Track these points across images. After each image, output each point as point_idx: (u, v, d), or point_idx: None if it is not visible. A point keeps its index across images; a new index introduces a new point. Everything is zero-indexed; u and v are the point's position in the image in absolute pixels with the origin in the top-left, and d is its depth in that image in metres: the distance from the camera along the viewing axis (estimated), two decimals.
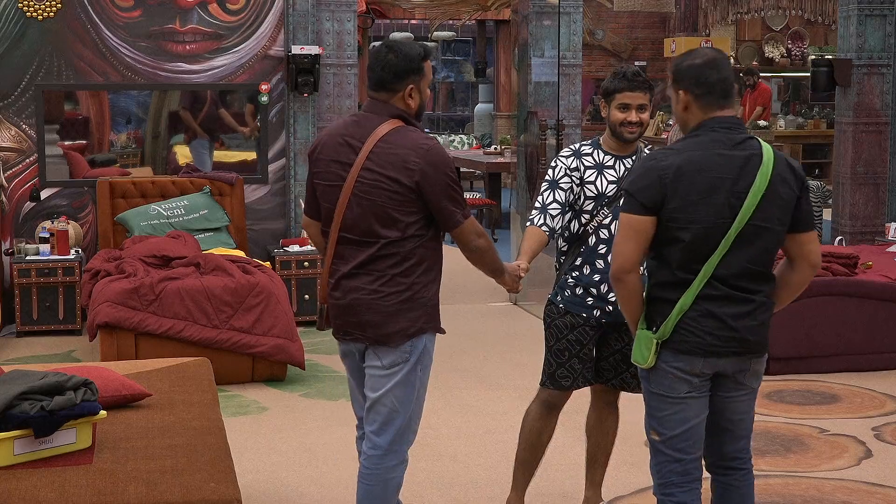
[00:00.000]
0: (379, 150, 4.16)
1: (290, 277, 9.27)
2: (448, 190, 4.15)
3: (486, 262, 4.33)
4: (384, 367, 4.25)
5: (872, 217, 10.69)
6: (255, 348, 7.54)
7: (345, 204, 4.19)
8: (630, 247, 3.90)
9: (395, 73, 4.21)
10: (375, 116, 4.24)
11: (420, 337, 4.24)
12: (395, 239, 4.16)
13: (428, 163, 4.12)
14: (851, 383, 7.67)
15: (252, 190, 9.87)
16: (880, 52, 10.63)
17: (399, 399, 4.26)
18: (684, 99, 3.96)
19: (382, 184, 4.14)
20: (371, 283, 4.20)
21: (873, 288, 8.00)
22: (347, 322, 4.28)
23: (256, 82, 9.78)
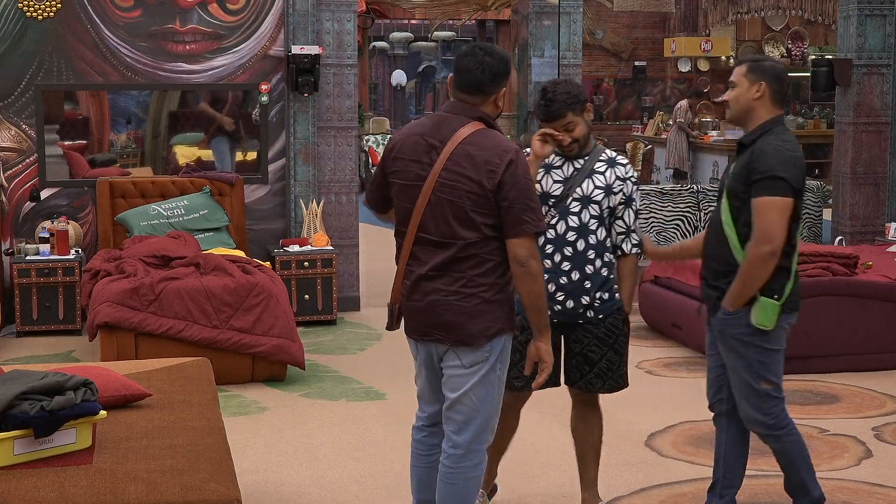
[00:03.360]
0: (461, 152, 4.18)
1: (290, 277, 9.27)
2: (526, 198, 4.15)
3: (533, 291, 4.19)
4: (464, 366, 4.28)
5: (872, 217, 10.69)
6: (255, 348, 7.54)
7: (424, 204, 4.22)
8: (785, 227, 4.61)
9: (494, 75, 4.26)
10: (457, 118, 4.26)
11: (500, 337, 4.28)
12: (475, 241, 4.19)
13: (510, 167, 4.14)
14: (852, 383, 7.67)
15: (252, 190, 9.87)
16: (880, 52, 10.63)
17: (479, 398, 4.30)
18: (763, 90, 4.70)
19: (463, 185, 4.16)
20: (451, 285, 4.22)
21: (873, 288, 8.00)
22: (427, 323, 4.30)
23: (256, 82, 9.78)
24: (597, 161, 5.03)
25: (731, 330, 4.80)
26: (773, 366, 4.81)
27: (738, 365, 4.84)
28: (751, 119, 4.75)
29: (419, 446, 4.59)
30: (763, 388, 4.80)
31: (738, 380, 4.86)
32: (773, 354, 4.80)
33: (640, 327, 9.47)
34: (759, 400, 4.82)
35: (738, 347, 4.80)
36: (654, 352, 8.68)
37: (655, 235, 11.11)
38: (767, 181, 4.58)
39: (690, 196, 11.31)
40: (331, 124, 9.92)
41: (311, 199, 9.81)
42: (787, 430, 4.88)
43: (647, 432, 6.65)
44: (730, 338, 4.82)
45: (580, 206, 4.97)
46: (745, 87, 4.73)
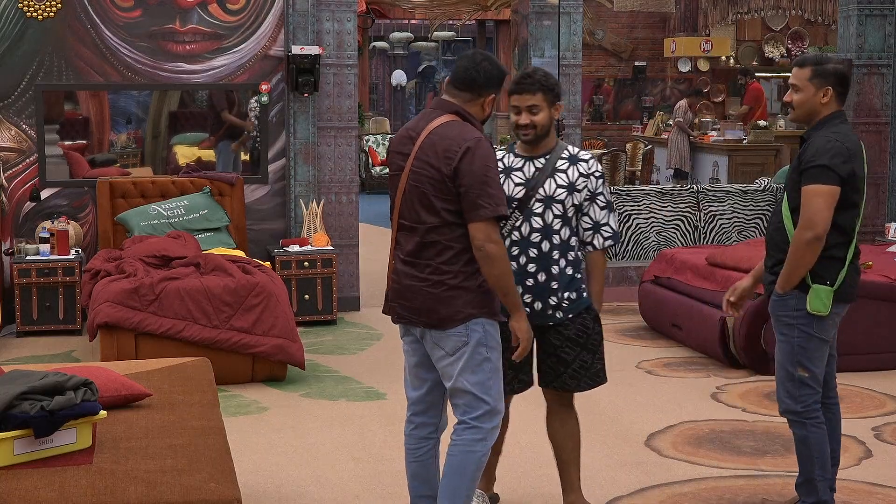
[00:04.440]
0: (428, 142, 4.40)
1: (290, 277, 9.27)
2: (482, 184, 4.31)
3: (494, 274, 4.38)
4: (448, 353, 4.46)
5: (872, 217, 10.69)
6: (255, 348, 7.53)
7: (401, 192, 4.47)
8: (829, 214, 4.77)
9: (488, 78, 4.48)
10: (436, 112, 4.50)
11: (475, 320, 4.43)
12: (435, 225, 4.38)
13: (467, 154, 4.32)
14: (852, 383, 7.67)
15: (252, 190, 9.87)
16: (880, 52, 10.64)
17: (473, 383, 4.46)
18: (830, 94, 4.89)
19: (426, 172, 4.38)
20: (421, 271, 4.45)
21: (873, 288, 8.00)
22: (402, 306, 4.54)
23: (256, 82, 9.78)
24: (558, 159, 5.02)
25: (779, 311, 4.99)
26: (814, 354, 4.95)
27: (781, 348, 5.01)
28: (814, 119, 4.96)
29: (409, 440, 4.73)
30: (800, 375, 4.96)
31: (779, 363, 5.04)
32: (817, 342, 4.95)
33: (639, 327, 9.47)
34: (794, 387, 4.98)
35: (784, 330, 4.97)
36: (653, 352, 8.68)
37: (655, 236, 11.12)
38: (812, 170, 4.79)
39: (690, 196, 11.31)
40: (331, 124, 9.92)
41: (311, 200, 9.81)
42: (815, 421, 5.01)
43: (646, 432, 6.65)
44: (778, 320, 5.00)
45: (543, 207, 4.96)
46: (811, 92, 4.91)
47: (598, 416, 6.95)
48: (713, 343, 8.18)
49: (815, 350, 4.98)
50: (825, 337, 4.99)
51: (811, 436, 5.01)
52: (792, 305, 4.94)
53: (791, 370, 4.98)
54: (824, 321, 4.94)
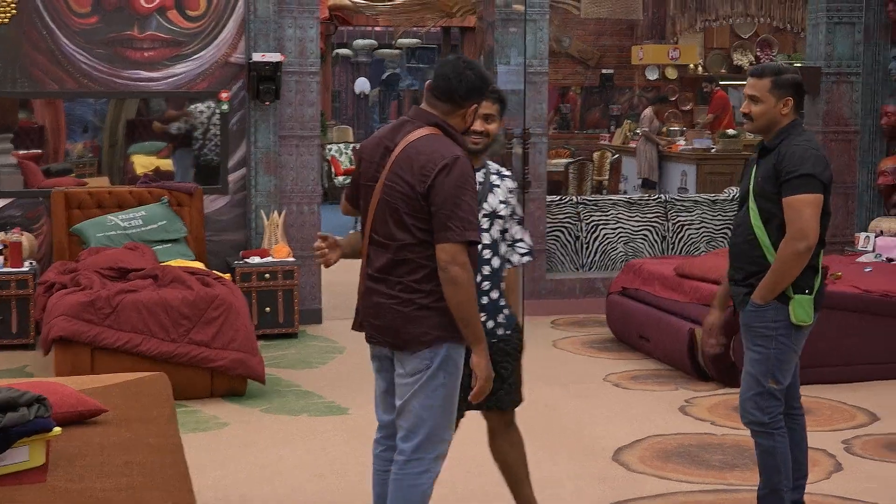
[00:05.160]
0: (404, 155, 4.29)
1: (250, 290, 9.24)
2: (453, 206, 4.19)
3: (456, 300, 4.22)
4: (407, 374, 4.36)
5: (842, 227, 10.77)
6: (214, 362, 7.50)
7: (374, 205, 4.36)
8: (818, 223, 4.85)
9: (470, 88, 4.35)
10: (414, 122, 4.37)
11: (441, 345, 4.32)
12: (408, 243, 4.29)
13: (442, 171, 4.20)
14: (821, 396, 7.71)
15: (211, 200, 9.84)
16: (849, 60, 10.71)
17: (423, 406, 4.35)
18: (790, 104, 4.99)
19: (399, 186, 4.27)
20: (391, 288, 4.35)
21: (843, 299, 8.04)
22: (371, 324, 4.44)
23: (216, 90, 9.75)
24: (491, 174, 5.03)
25: (756, 323, 5.00)
26: (786, 366, 5.03)
27: (755, 359, 5.03)
28: (774, 129, 5.03)
29: (377, 461, 4.65)
30: (770, 387, 5.02)
31: (750, 375, 5.06)
32: (790, 355, 5.02)
33: (606, 339, 9.49)
34: (762, 398, 5.03)
35: (761, 342, 4.99)
36: (620, 364, 8.70)
37: (623, 246, 11.16)
38: (798, 179, 4.85)
39: (658, 206, 11.36)
40: (293, 133, 9.90)
41: (272, 210, 9.79)
42: (781, 432, 5.07)
43: (614, 447, 6.66)
44: (754, 331, 5.01)
45: (490, 222, 4.95)
46: (771, 103, 5.00)
47: (564, 431, 6.96)
48: (681, 355, 8.21)
49: (789, 362, 5.04)
50: (799, 349, 5.05)
51: (778, 446, 5.07)
52: (770, 317, 4.96)
53: (762, 381, 5.01)
54: (802, 332, 5.00)
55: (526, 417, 6.89)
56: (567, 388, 7.97)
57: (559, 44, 20.25)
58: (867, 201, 10.87)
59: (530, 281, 10.37)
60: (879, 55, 10.76)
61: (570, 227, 11.08)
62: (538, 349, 8.97)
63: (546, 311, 10.48)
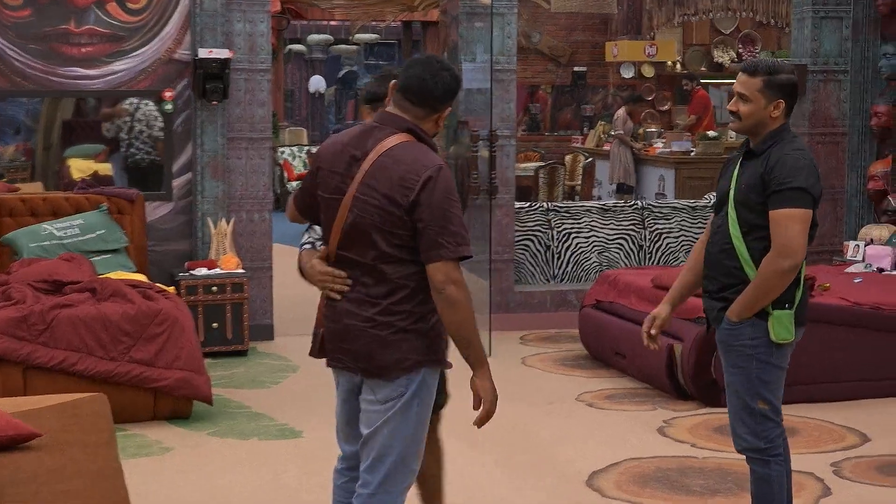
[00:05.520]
0: (379, 165, 4.19)
1: (196, 304, 9.21)
2: (443, 220, 4.14)
3: (455, 321, 4.18)
4: (378, 401, 4.28)
5: (829, 235, 10.83)
6: (157, 382, 7.48)
7: (342, 221, 4.25)
8: (805, 240, 4.83)
9: (446, 91, 4.29)
10: (384, 128, 4.28)
11: (418, 371, 4.26)
12: (389, 262, 4.20)
13: (428, 184, 4.14)
14: (808, 415, 7.76)
15: (154, 207, 9.80)
16: (836, 57, 10.79)
17: (393, 436, 4.29)
18: (781, 107, 4.93)
19: (376, 200, 4.17)
20: (366, 311, 4.24)
21: (831, 312, 8.09)
22: (340, 349, 4.34)
23: (160, 89, 9.72)
24: None
25: (734, 342, 4.96)
26: (774, 384, 5.00)
27: (737, 381, 5.00)
28: (762, 131, 4.97)
29: (338, 492, 4.58)
30: (760, 409, 4.97)
31: (734, 397, 5.03)
32: (775, 371, 4.99)
33: (579, 356, 9.52)
34: (755, 421, 4.99)
35: (740, 360, 4.96)
36: (595, 383, 8.72)
37: (597, 256, 11.20)
38: (788, 192, 4.81)
39: (634, 212, 11.41)
40: (242, 135, 9.88)
41: (219, 218, 9.77)
42: (778, 459, 5.02)
43: (588, 471, 6.68)
44: (732, 350, 4.98)
45: None
46: (761, 104, 4.93)
47: (535, 453, 6.97)
48: (659, 373, 8.24)
49: (776, 380, 5.01)
50: (785, 365, 5.02)
51: (774, 474, 5.02)
52: (748, 334, 4.92)
53: (750, 403, 4.97)
54: (785, 348, 4.97)
55: (493, 440, 6.91)
56: (537, 409, 7.98)
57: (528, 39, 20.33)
58: (856, 207, 10.94)
59: (498, 293, 10.39)
60: (868, 52, 10.84)
61: (541, 236, 11.12)
62: (506, 367, 8.98)
63: (515, 325, 10.50)
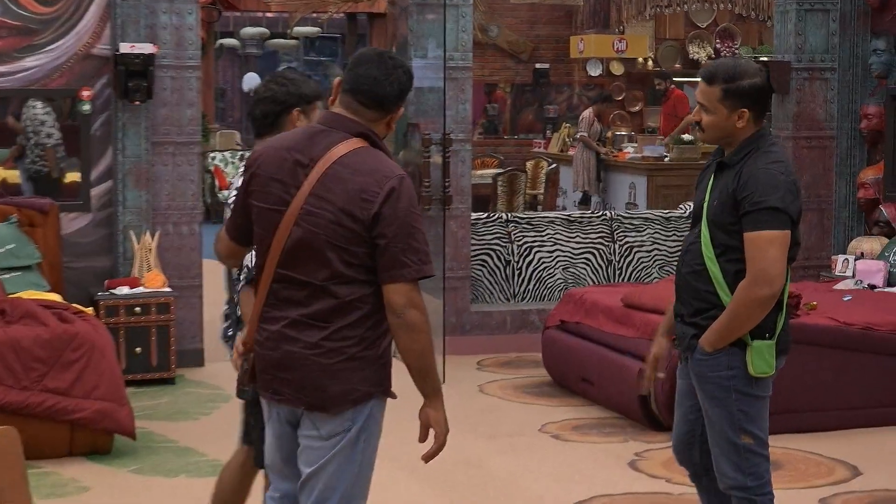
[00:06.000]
0: (333, 174, 4.16)
1: (117, 327, 9.16)
2: (408, 236, 4.13)
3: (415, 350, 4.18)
4: (322, 437, 4.25)
5: (816, 248, 10.89)
6: (73, 414, 7.44)
7: (285, 235, 4.20)
8: (784, 265, 4.80)
9: (401, 91, 4.28)
10: (332, 132, 4.25)
11: (366, 403, 4.25)
12: (342, 282, 4.17)
13: (391, 196, 4.12)
14: (793, 446, 7.79)
15: (71, 219, 9.75)
16: (823, 53, 10.86)
17: (337, 475, 4.27)
18: (746, 117, 4.91)
19: (328, 213, 4.14)
20: (311, 336, 4.20)
21: (818, 333, 8.12)
22: (279, 379, 4.28)
23: (76, 87, 9.67)
24: None
25: (709, 373, 4.93)
26: (757, 416, 4.97)
27: (716, 414, 4.97)
28: (732, 141, 4.96)
29: None
30: (744, 443, 4.95)
31: (716, 432, 5.00)
32: (757, 403, 4.96)
33: (542, 382, 9.52)
34: (739, 457, 4.96)
35: (718, 393, 4.93)
36: (560, 412, 8.73)
37: (561, 272, 11.22)
38: (763, 213, 4.77)
39: (603, 224, 11.44)
40: (168, 139, 9.85)
41: (143, 231, 9.72)
42: (768, 498, 5.01)
43: None
44: (708, 382, 4.95)
45: None
46: (723, 115, 4.92)
47: (495, 490, 6.97)
48: (631, 400, 8.26)
49: (759, 411, 4.98)
50: (767, 393, 5.00)
51: None
52: (725, 364, 4.90)
53: (733, 439, 4.95)
54: (766, 377, 4.95)
55: (446, 476, 6.90)
56: (496, 441, 7.98)
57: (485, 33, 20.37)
58: (845, 218, 11.01)
59: (453, 313, 10.39)
60: (858, 47, 10.92)
61: (500, 250, 11.13)
62: (461, 395, 8.98)
63: (471, 349, 10.49)
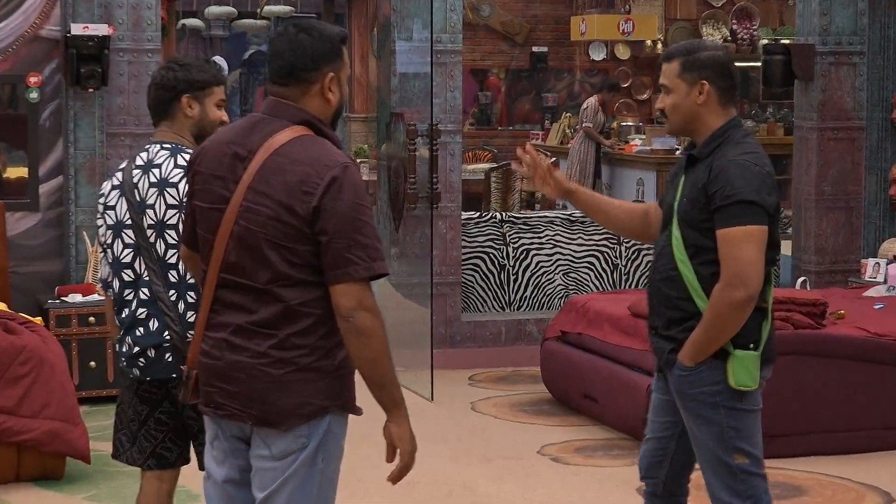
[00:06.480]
0: (272, 166, 4.17)
1: (69, 338, 9.14)
2: (353, 231, 4.13)
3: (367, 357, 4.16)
4: (274, 456, 4.24)
5: (843, 251, 10.88)
6: (21, 435, 7.43)
7: (227, 235, 4.21)
8: (762, 263, 4.84)
9: (312, 56, 4.26)
10: (274, 120, 4.27)
11: (322, 418, 4.23)
12: (287, 285, 4.16)
13: (332, 187, 4.12)
14: (819, 471, 7.79)
15: (17, 219, 9.73)
16: (851, 35, 10.86)
17: (293, 499, 4.25)
18: (707, 91, 4.92)
19: (268, 209, 4.15)
20: (258, 345, 4.19)
21: (847, 344, 8.12)
22: (222, 391, 4.27)
23: (22, 73, 9.66)
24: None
25: (691, 389, 4.93)
26: (749, 432, 4.97)
27: (704, 434, 4.96)
28: (699, 128, 4.98)
29: None
30: (738, 464, 4.95)
31: (705, 453, 5.00)
32: (748, 417, 4.96)
33: (541, 400, 9.51)
34: (733, 479, 4.96)
35: (703, 411, 4.93)
36: (560, 433, 8.72)
37: (562, 278, 11.21)
38: (735, 207, 4.80)
39: None
40: (125, 129, 9.83)
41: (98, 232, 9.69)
42: None
43: None
44: (691, 400, 4.94)
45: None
46: (682, 91, 4.96)
47: None
48: (638, 419, 8.23)
49: (750, 426, 4.99)
50: (758, 406, 5.00)
51: None
52: (707, 379, 4.90)
53: (725, 459, 4.95)
54: (754, 390, 4.95)
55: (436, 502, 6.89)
56: (491, 465, 7.97)
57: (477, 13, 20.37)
58: (876, 217, 11.00)
59: (442, 323, 10.37)
60: (889, 29, 10.91)
61: (493, 254, 11.12)
62: (451, 413, 8.97)
63: (462, 362, 10.47)
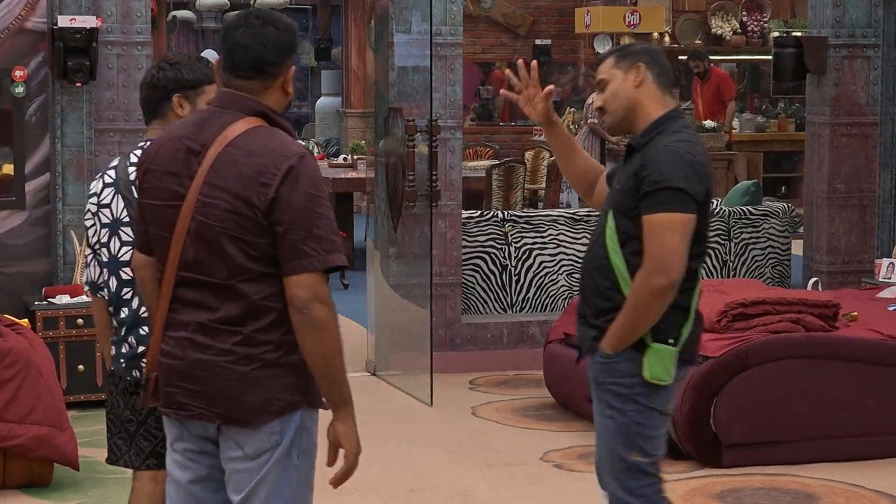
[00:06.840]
0: (226, 158, 4.21)
1: (56, 341, 9.15)
2: (308, 221, 4.16)
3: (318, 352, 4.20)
4: (248, 456, 4.27)
5: (857, 250, 10.87)
6: (7, 441, 7.44)
7: (184, 231, 4.25)
8: (685, 251, 4.90)
9: (279, 49, 4.32)
10: (227, 112, 4.31)
11: (292, 413, 4.27)
12: (248, 280, 4.20)
13: (289, 177, 4.16)
14: (831, 477, 7.79)
15: (2, 218, 9.74)
16: (865, 27, 10.86)
17: (270, 498, 4.28)
18: (643, 73, 5.05)
19: (224, 202, 4.19)
20: (222, 342, 4.24)
21: (860, 347, 8.12)
22: (186, 391, 4.30)
23: (8, 66, 9.67)
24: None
25: (607, 379, 5.02)
26: (652, 433, 5.05)
27: (608, 425, 5.06)
28: (638, 118, 5.09)
29: None
30: (635, 461, 5.02)
31: (605, 446, 5.08)
32: (655, 417, 5.05)
33: (544, 404, 9.50)
34: (628, 476, 5.04)
35: (615, 401, 5.01)
36: (563, 438, 8.71)
37: (565, 278, 11.21)
38: (661, 194, 4.88)
39: None
40: (114, 125, 9.84)
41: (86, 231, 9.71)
42: None
43: None
44: (605, 388, 5.03)
45: None
46: (619, 78, 5.11)
47: None
48: None
49: (656, 427, 5.06)
50: (668, 410, 5.08)
51: None
52: (624, 370, 4.98)
53: (623, 455, 5.02)
54: (667, 389, 5.03)
55: None
56: (492, 471, 7.99)
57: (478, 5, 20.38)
58: (890, 216, 11.00)
59: (441, 325, 10.37)
60: None
61: (495, 254, 11.12)
62: (451, 418, 8.98)
63: (462, 366, 10.46)
